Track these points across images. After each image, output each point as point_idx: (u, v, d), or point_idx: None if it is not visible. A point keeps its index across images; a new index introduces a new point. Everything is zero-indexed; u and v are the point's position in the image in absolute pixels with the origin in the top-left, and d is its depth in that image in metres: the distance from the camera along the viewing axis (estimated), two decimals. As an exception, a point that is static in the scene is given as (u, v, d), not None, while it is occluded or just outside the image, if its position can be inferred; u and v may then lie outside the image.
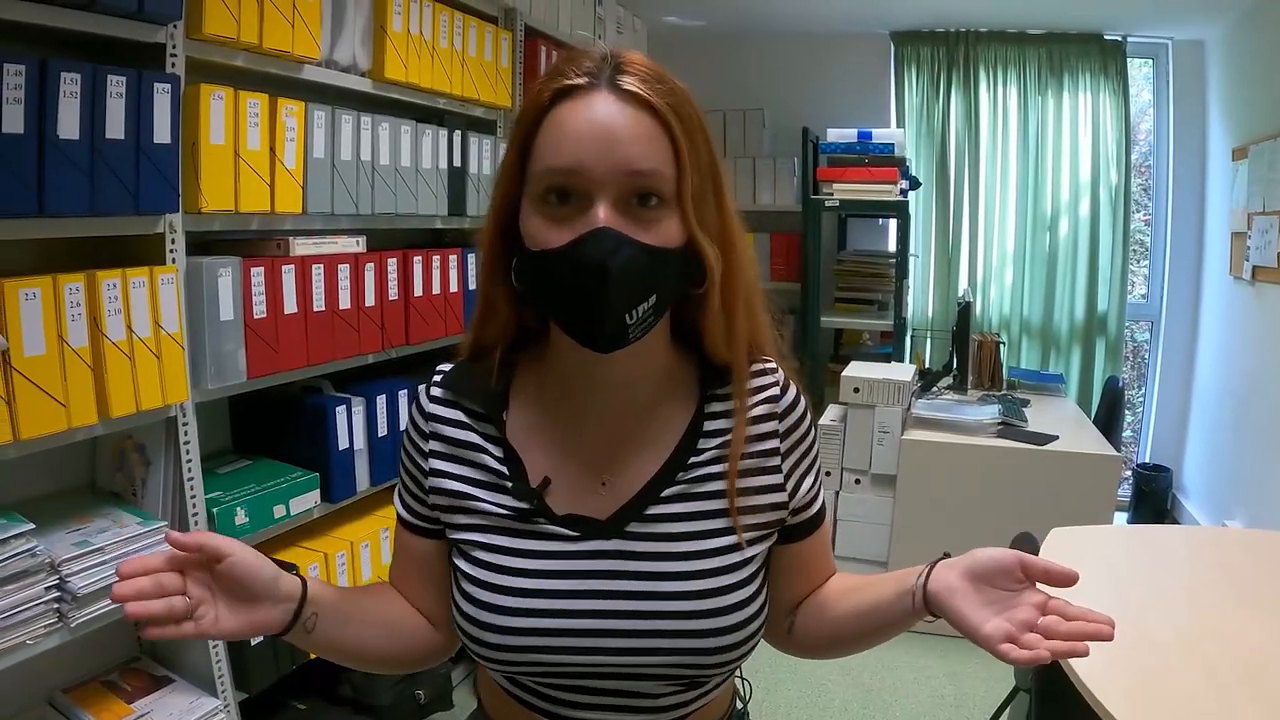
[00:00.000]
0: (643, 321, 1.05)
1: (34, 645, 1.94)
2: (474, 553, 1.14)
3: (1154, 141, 5.66)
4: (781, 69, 5.83)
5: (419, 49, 2.92)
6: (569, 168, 1.01)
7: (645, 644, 1.09)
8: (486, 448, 1.16)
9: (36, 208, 1.83)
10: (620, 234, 1.01)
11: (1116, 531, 3.35)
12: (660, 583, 1.10)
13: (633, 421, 1.17)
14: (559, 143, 1.03)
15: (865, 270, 5.47)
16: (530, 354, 1.21)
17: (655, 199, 1.03)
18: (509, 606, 1.09)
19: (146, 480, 2.29)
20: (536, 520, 1.13)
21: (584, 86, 1.04)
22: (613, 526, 1.13)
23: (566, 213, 1.03)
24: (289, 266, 2.46)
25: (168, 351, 2.12)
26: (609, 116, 1.02)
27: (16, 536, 1.90)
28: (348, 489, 2.76)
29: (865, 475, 4.23)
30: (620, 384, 1.16)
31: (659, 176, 1.03)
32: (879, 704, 3.64)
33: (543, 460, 1.16)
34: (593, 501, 1.14)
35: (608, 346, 1.05)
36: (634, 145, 1.02)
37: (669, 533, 1.12)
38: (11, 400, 1.82)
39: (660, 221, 1.04)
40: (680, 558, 1.11)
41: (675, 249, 1.06)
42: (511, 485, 1.14)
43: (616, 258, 1.00)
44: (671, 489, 1.14)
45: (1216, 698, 1.90)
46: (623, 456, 1.16)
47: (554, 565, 1.11)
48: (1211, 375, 5.35)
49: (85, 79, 1.88)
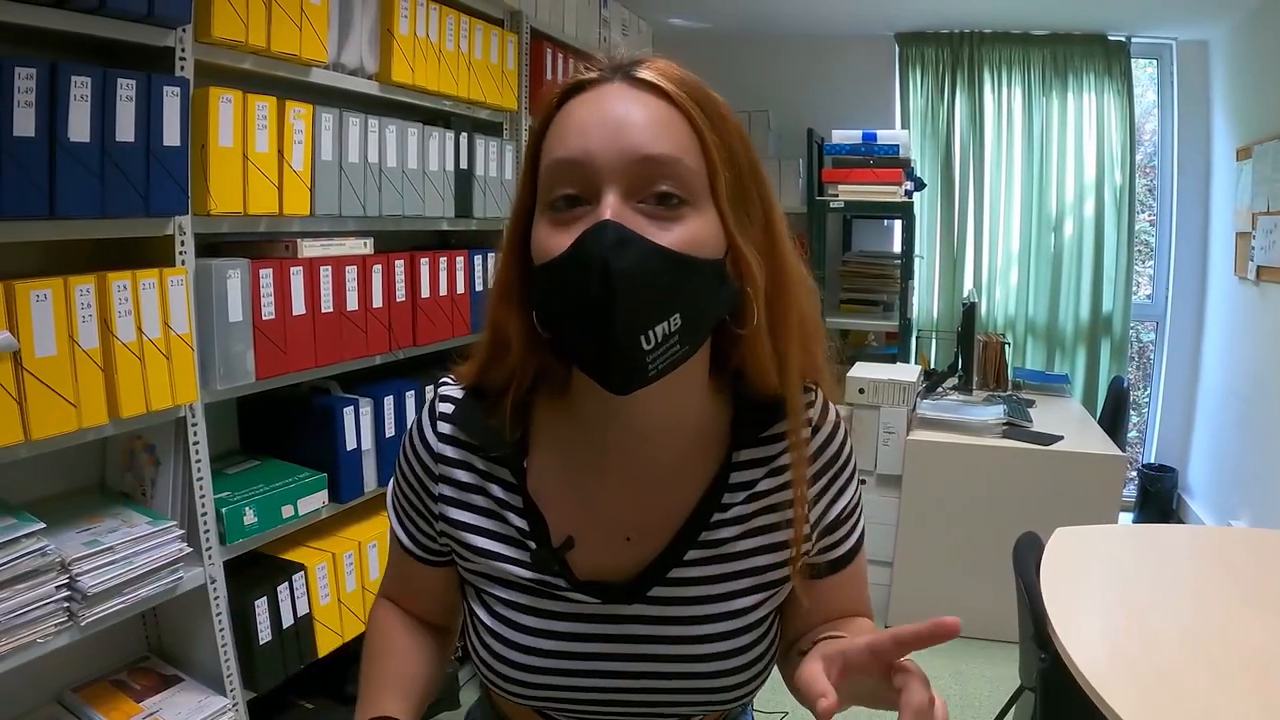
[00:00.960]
0: (665, 348, 0.90)
1: (44, 644, 1.95)
2: (493, 606, 1.09)
3: (1158, 142, 5.66)
4: (786, 71, 5.84)
5: (425, 51, 2.93)
6: (573, 158, 0.91)
7: (665, 698, 1.08)
8: (505, 500, 1.08)
9: (48, 210, 1.83)
10: (625, 228, 0.87)
11: (1121, 531, 3.35)
12: (682, 646, 1.06)
13: (660, 474, 1.07)
14: (564, 134, 0.93)
15: (870, 271, 5.48)
16: (548, 394, 1.10)
17: (677, 198, 0.91)
18: (528, 665, 1.06)
19: (156, 480, 2.31)
20: (556, 584, 1.06)
21: (595, 80, 0.95)
22: (635, 591, 1.06)
23: (574, 215, 0.91)
24: (297, 268, 2.47)
25: (177, 352, 2.13)
26: (619, 104, 0.92)
27: (27, 536, 1.90)
28: (355, 489, 2.77)
29: (871, 475, 4.23)
30: (649, 435, 1.05)
31: (677, 165, 0.90)
32: (885, 704, 3.65)
33: (564, 515, 1.07)
34: (616, 560, 1.07)
35: (623, 381, 0.91)
36: (645, 130, 0.90)
37: (692, 596, 1.06)
38: (23, 400, 1.83)
39: (683, 222, 0.91)
40: (703, 621, 1.06)
41: (706, 260, 0.92)
42: (534, 547, 1.06)
43: (622, 255, 0.86)
44: (695, 551, 1.07)
45: (1221, 696, 1.91)
46: (647, 512, 1.07)
47: (575, 628, 1.06)
48: (1216, 375, 5.35)
49: (95, 82, 1.89)
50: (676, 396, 1.02)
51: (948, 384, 5.00)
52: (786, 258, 1.01)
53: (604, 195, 0.89)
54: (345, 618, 2.71)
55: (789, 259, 1.01)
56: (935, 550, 4.19)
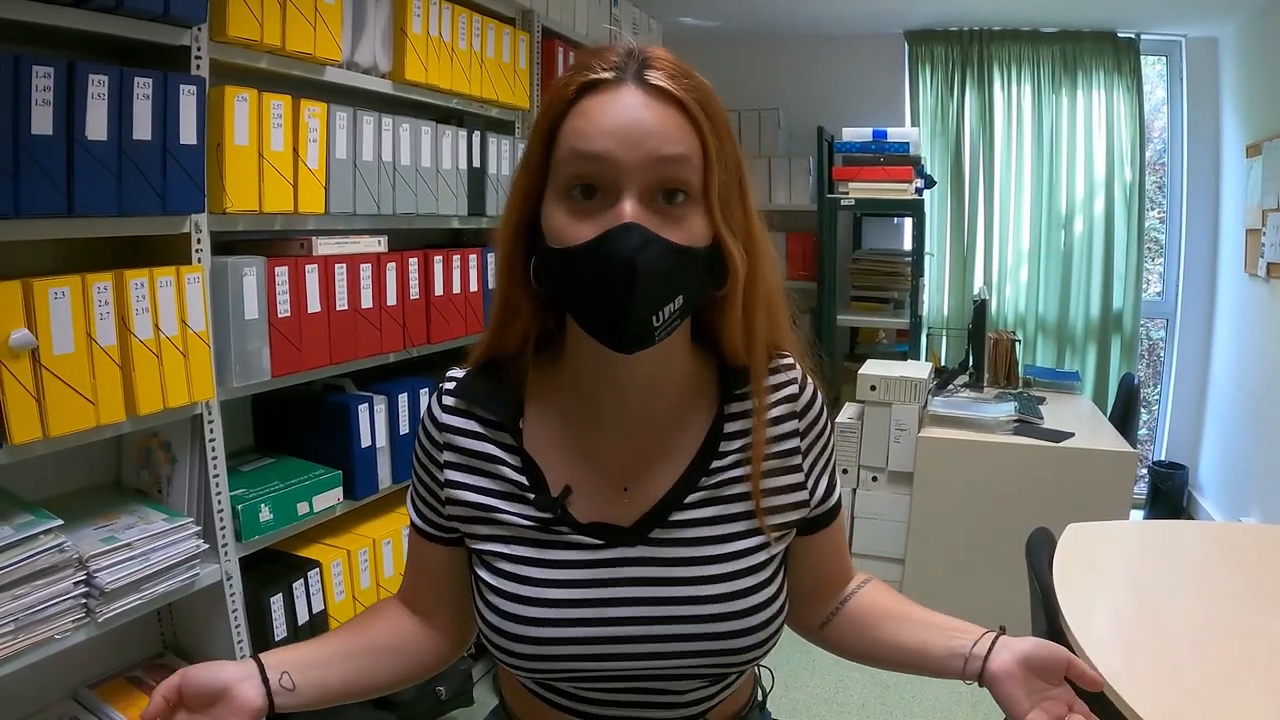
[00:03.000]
0: (669, 323, 1.04)
1: (62, 640, 1.97)
2: (497, 564, 1.13)
3: (1168, 139, 5.65)
4: (796, 69, 5.84)
5: (438, 50, 2.94)
6: (598, 154, 1.00)
7: (672, 647, 1.10)
8: (503, 458, 1.16)
9: (66, 208, 1.85)
10: (648, 231, 0.99)
11: (1133, 527, 3.36)
12: (686, 588, 1.10)
13: (653, 426, 1.16)
14: (586, 131, 1.02)
15: (881, 269, 5.47)
16: (544, 358, 1.20)
17: (682, 195, 1.02)
18: (535, 617, 1.09)
19: (172, 477, 2.32)
20: (559, 530, 1.12)
21: (611, 80, 1.03)
22: (636, 533, 1.12)
23: (592, 207, 1.02)
24: (312, 266, 2.49)
25: (194, 350, 2.15)
26: (637, 109, 1.01)
27: (45, 532, 1.92)
28: (370, 486, 2.78)
29: (882, 473, 4.23)
30: (642, 387, 1.14)
31: (687, 165, 1.02)
32: (897, 699, 3.65)
33: (562, 468, 1.15)
34: (615, 508, 1.14)
35: (633, 346, 1.04)
36: (662, 136, 1.01)
37: (693, 537, 1.12)
38: (41, 398, 1.85)
39: (687, 219, 1.03)
40: (705, 562, 1.11)
41: (701, 249, 1.05)
42: (533, 496, 1.14)
43: (645, 255, 0.98)
44: (695, 494, 1.14)
45: (1233, 690, 1.91)
46: (644, 462, 1.15)
47: (579, 575, 1.11)
48: (1227, 372, 5.35)
49: (112, 81, 1.90)
50: (664, 353, 1.11)
51: (959, 381, 5.00)
52: (758, 236, 1.13)
53: (624, 194, 1.00)
54: (360, 614, 2.72)
55: (760, 236, 1.13)
56: (946, 547, 4.19)
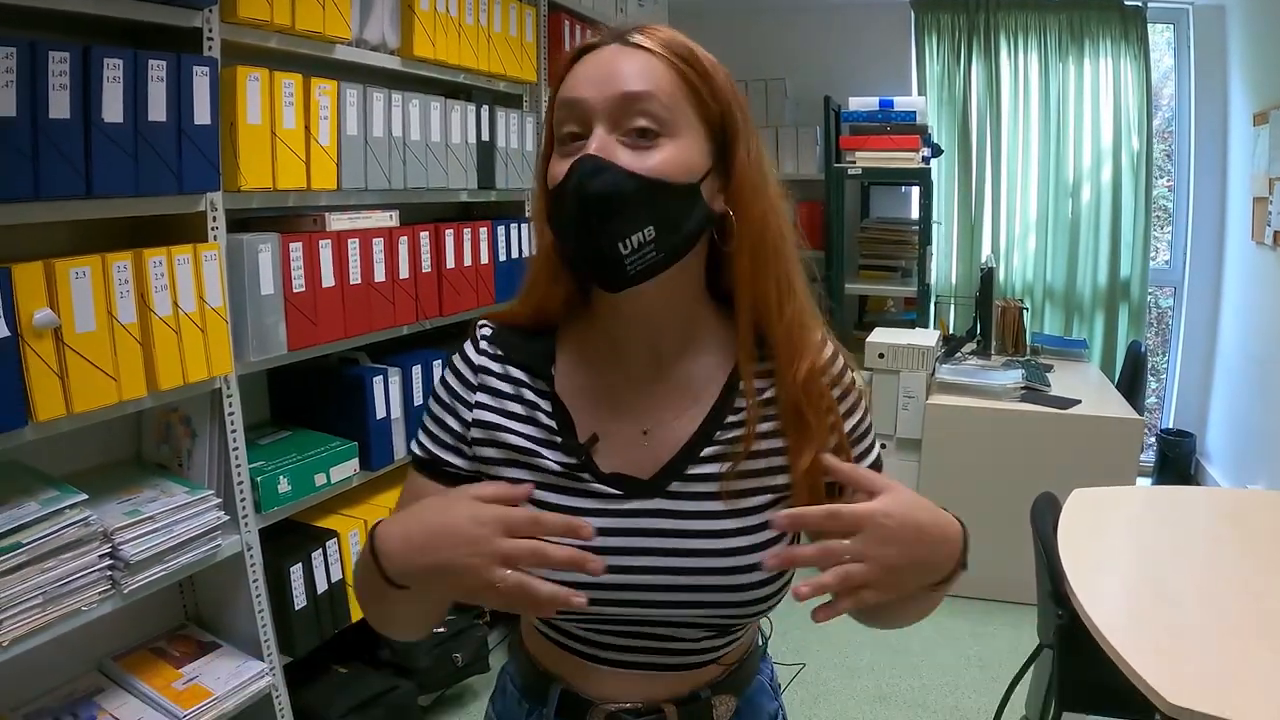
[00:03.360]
0: (641, 253, 1.06)
1: (89, 611, 2.02)
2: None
3: (1175, 107, 5.64)
4: (803, 39, 5.83)
5: (446, 26, 2.96)
6: (574, 98, 1.08)
7: (684, 598, 1.13)
8: (537, 403, 1.19)
9: (84, 189, 1.89)
10: (600, 159, 1.04)
11: (1138, 492, 3.38)
12: (700, 540, 1.13)
13: (667, 373, 1.19)
14: (569, 84, 1.10)
15: (888, 237, 5.49)
16: (572, 313, 1.24)
17: (654, 131, 1.07)
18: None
19: (192, 451, 2.36)
20: (582, 477, 1.15)
21: (598, 44, 1.12)
22: (655, 485, 1.15)
23: (574, 148, 1.07)
24: (326, 241, 2.52)
25: (212, 325, 2.19)
26: (612, 60, 1.09)
27: (71, 507, 1.97)
28: (386, 457, 2.83)
29: (891, 440, 4.26)
30: (652, 331, 1.17)
31: (651, 100, 1.06)
32: (906, 664, 3.70)
33: (589, 416, 1.18)
34: (636, 458, 1.16)
35: (612, 280, 1.07)
36: (628, 76, 1.07)
37: (708, 492, 1.15)
38: (64, 375, 1.89)
39: (658, 149, 1.07)
40: (719, 516, 1.14)
41: (679, 182, 1.08)
42: (561, 441, 1.17)
43: (597, 180, 1.03)
44: (710, 448, 1.16)
45: (1236, 653, 1.95)
46: (663, 409, 1.18)
47: (600, 523, 1.12)
48: (1234, 340, 5.36)
49: (127, 64, 1.94)
50: (673, 303, 1.16)
51: (966, 349, 5.02)
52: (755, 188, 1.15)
53: (594, 130, 1.07)
54: (377, 584, 2.77)
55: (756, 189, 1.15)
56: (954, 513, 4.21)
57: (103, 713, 2.23)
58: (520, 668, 1.33)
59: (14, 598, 1.86)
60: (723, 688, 1.25)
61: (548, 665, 1.26)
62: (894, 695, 3.52)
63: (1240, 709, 1.72)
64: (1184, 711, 1.73)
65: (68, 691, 2.29)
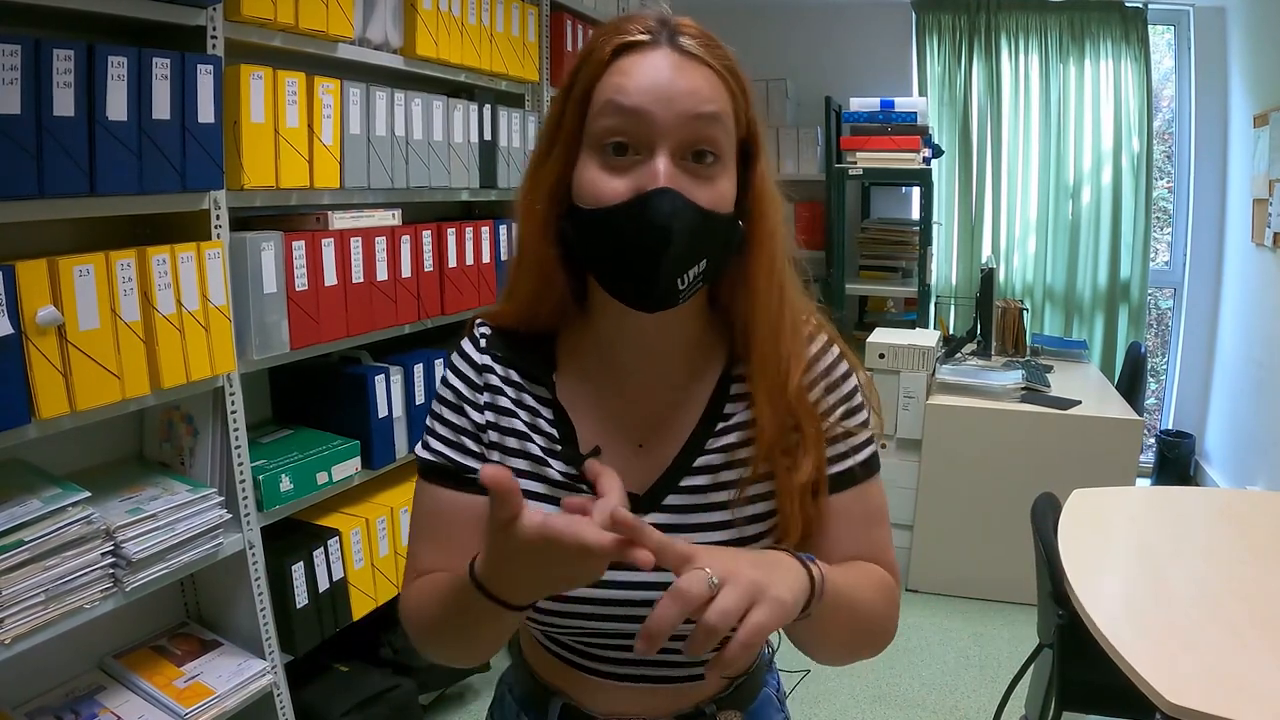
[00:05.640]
0: (692, 285, 1.05)
1: (91, 609, 2.02)
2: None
3: (1175, 108, 5.64)
4: (804, 39, 5.83)
5: (449, 25, 2.96)
6: (635, 109, 1.01)
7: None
8: (538, 409, 1.17)
9: (88, 187, 1.89)
10: (682, 196, 1.00)
11: (1138, 493, 3.39)
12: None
13: (669, 386, 1.17)
14: (625, 87, 1.03)
15: (889, 238, 5.49)
16: (569, 320, 1.21)
17: (712, 156, 1.03)
18: None
19: (194, 449, 2.36)
20: (582, 489, 1.12)
21: (646, 42, 1.05)
22: (650, 499, 1.14)
23: (625, 164, 1.03)
24: (328, 240, 2.52)
25: (215, 324, 2.19)
26: (672, 69, 1.03)
27: (73, 505, 1.97)
28: (387, 456, 2.83)
29: (891, 440, 4.28)
30: (660, 347, 1.16)
31: (718, 126, 1.03)
32: (905, 664, 3.70)
33: (589, 426, 1.17)
34: (631, 472, 1.13)
35: (656, 306, 1.05)
36: (696, 96, 1.02)
37: (703, 503, 1.14)
38: (68, 373, 1.89)
39: (715, 181, 1.04)
40: (714, 528, 1.13)
41: (727, 215, 1.06)
42: (562, 450, 1.15)
43: (679, 220, 1.00)
44: (703, 458, 1.15)
45: (1236, 652, 1.95)
46: (659, 421, 1.17)
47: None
48: (1234, 342, 5.36)
49: (131, 62, 1.94)
50: (684, 316, 1.14)
51: (966, 349, 5.02)
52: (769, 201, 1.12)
53: (657, 152, 1.01)
54: (379, 581, 2.78)
55: (769, 201, 1.12)
56: (955, 514, 4.23)
57: (104, 710, 2.23)
58: (519, 679, 1.32)
59: (16, 595, 1.86)
60: (727, 702, 1.24)
61: (547, 678, 1.26)
62: (894, 695, 3.53)
63: (1240, 709, 1.73)
64: (1184, 711, 1.73)
65: (69, 689, 2.29)
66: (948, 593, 4.31)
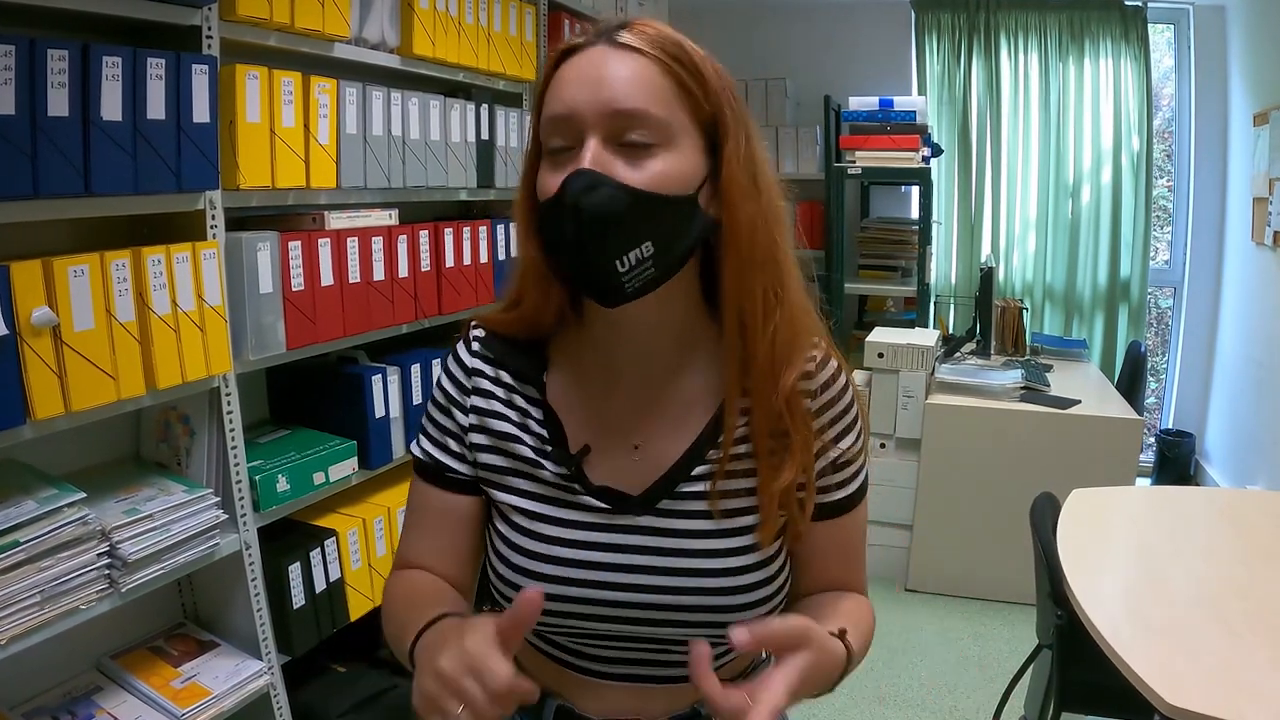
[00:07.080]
0: (639, 270, 1.03)
1: (86, 610, 2.01)
2: (513, 517, 1.16)
3: (1175, 107, 5.64)
4: (803, 39, 5.83)
5: (445, 25, 2.95)
6: (561, 114, 1.04)
7: (674, 616, 1.13)
8: (528, 410, 1.18)
9: (83, 187, 1.88)
10: (597, 173, 1.00)
11: (1137, 492, 3.38)
12: (690, 559, 1.12)
13: (661, 388, 1.17)
14: (557, 92, 1.06)
15: (888, 237, 5.50)
16: (564, 323, 1.22)
17: (646, 136, 1.02)
18: (545, 574, 1.13)
19: (191, 450, 2.36)
20: (573, 488, 1.15)
21: (583, 44, 1.08)
22: (646, 502, 1.14)
23: (565, 160, 1.04)
24: (325, 240, 2.51)
25: (211, 324, 2.18)
26: (600, 64, 1.04)
27: (69, 505, 1.95)
28: (385, 456, 2.82)
29: (890, 439, 4.26)
30: (652, 346, 1.16)
31: (646, 117, 1.02)
32: (904, 664, 3.70)
33: (581, 427, 1.17)
34: (626, 471, 1.15)
35: (609, 297, 1.04)
36: (619, 86, 1.02)
37: (700, 510, 1.14)
38: (63, 374, 1.88)
39: (654, 160, 1.03)
40: (710, 535, 1.13)
41: (676, 195, 1.04)
42: (552, 450, 1.16)
43: (593, 197, 0.99)
44: (702, 467, 1.15)
45: (1235, 652, 1.95)
46: (654, 424, 1.17)
47: (590, 537, 1.13)
48: (1234, 341, 5.36)
49: (126, 62, 1.92)
50: (668, 316, 1.14)
51: (966, 349, 5.02)
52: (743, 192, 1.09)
53: (586, 140, 1.02)
54: (376, 582, 2.77)
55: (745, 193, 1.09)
56: (954, 513, 4.23)
57: (101, 711, 2.22)
58: None
59: (11, 596, 1.85)
60: None
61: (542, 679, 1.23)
62: (893, 695, 3.52)
63: (1239, 709, 1.72)
64: (1183, 712, 1.73)
65: (66, 690, 2.28)
66: (947, 593, 4.31)
